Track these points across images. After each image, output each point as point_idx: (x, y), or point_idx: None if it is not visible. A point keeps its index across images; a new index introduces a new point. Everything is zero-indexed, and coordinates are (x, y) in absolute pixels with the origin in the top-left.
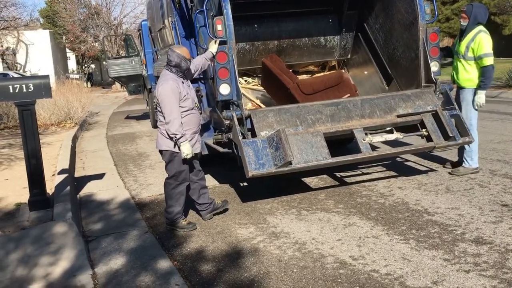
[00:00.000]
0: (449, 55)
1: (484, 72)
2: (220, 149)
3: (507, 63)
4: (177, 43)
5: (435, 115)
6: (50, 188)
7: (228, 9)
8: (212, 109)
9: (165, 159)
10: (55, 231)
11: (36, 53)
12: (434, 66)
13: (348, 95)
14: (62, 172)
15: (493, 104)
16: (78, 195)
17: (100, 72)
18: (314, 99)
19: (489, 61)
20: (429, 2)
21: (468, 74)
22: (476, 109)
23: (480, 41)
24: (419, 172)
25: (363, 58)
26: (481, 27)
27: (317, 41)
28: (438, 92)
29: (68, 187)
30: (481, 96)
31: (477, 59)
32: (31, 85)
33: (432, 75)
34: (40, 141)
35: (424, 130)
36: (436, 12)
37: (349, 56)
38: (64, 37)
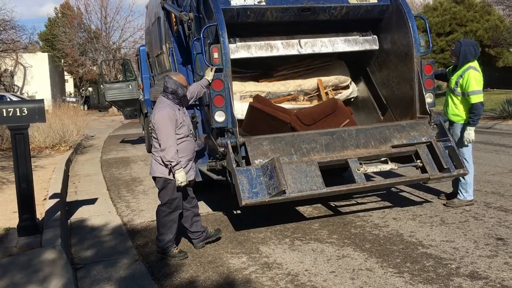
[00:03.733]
0: (445, 79)
1: (473, 109)
2: (214, 176)
3: (501, 94)
4: (174, 69)
5: (430, 147)
6: (40, 213)
7: (225, 38)
8: (207, 135)
9: (158, 186)
10: (43, 258)
11: (34, 76)
12: (428, 98)
13: (348, 120)
14: (53, 196)
15: (487, 135)
16: (69, 221)
17: (97, 95)
18: (315, 129)
19: (477, 98)
20: (424, 34)
21: (456, 110)
22: (466, 145)
23: (469, 78)
24: (413, 203)
25: (358, 88)
26: (471, 64)
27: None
28: (432, 124)
29: (59, 212)
30: (470, 133)
31: (465, 95)
32: (25, 109)
33: (427, 106)
34: (33, 164)
35: (418, 161)
36: (431, 44)
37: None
38: (62, 60)
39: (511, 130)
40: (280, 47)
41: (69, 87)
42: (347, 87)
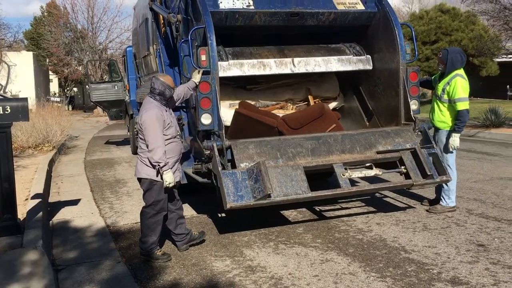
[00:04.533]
0: (430, 86)
1: (459, 116)
2: (199, 179)
3: (484, 103)
4: (161, 70)
5: (414, 153)
6: (22, 213)
7: (213, 40)
8: (193, 138)
9: (144, 187)
10: (24, 259)
11: (18, 75)
12: (413, 105)
13: (334, 125)
14: (35, 196)
15: (470, 143)
16: (51, 221)
17: (82, 95)
18: (301, 133)
19: (463, 105)
20: (410, 42)
21: (442, 116)
22: (451, 152)
23: (455, 85)
24: (397, 208)
25: (346, 96)
26: (458, 71)
27: None
28: (417, 130)
29: (41, 213)
30: (456, 139)
31: (452, 102)
32: (8, 107)
33: (412, 113)
34: (16, 163)
35: (403, 167)
36: (417, 52)
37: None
38: (47, 60)
39: (493, 138)
40: (273, 66)
41: (54, 86)
42: (335, 98)
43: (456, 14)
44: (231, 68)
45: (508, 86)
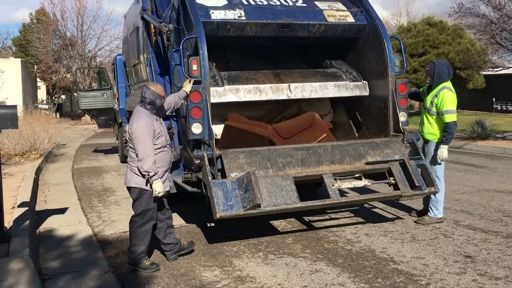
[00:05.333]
0: (418, 98)
1: (447, 128)
2: (189, 188)
3: (471, 115)
4: (151, 79)
5: (403, 164)
6: (8, 222)
7: (204, 50)
8: (183, 147)
9: (133, 196)
10: (10, 268)
11: (5, 81)
12: (402, 116)
13: (325, 134)
14: (22, 205)
15: (457, 155)
16: (37, 230)
17: (71, 103)
18: (292, 142)
19: (450, 118)
20: (398, 54)
21: (431, 128)
22: (439, 163)
23: (443, 98)
24: (386, 219)
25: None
26: (445, 84)
27: None
28: (405, 142)
29: (28, 221)
30: (444, 151)
31: (440, 114)
32: None
33: (400, 125)
34: (2, 171)
35: (391, 178)
36: (405, 65)
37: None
38: (35, 67)
39: (480, 150)
40: (269, 92)
41: (42, 94)
42: (326, 115)
43: (443, 27)
44: (226, 94)
45: (494, 99)
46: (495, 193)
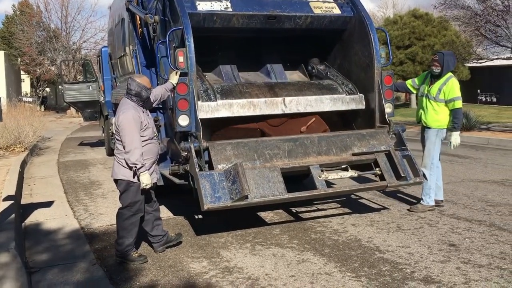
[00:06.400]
0: (406, 90)
1: (456, 114)
2: (176, 180)
3: None
4: (137, 71)
5: (388, 155)
6: None
7: (190, 42)
8: (170, 139)
9: (120, 188)
10: None
11: None
12: (388, 108)
13: (314, 119)
14: (7, 198)
15: (442, 146)
16: (23, 224)
17: (55, 96)
18: (283, 129)
19: (459, 104)
20: (385, 46)
21: (436, 115)
22: (436, 149)
23: (452, 85)
24: (371, 209)
25: None
26: (451, 73)
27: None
28: (391, 133)
29: (13, 215)
30: (457, 138)
31: (448, 102)
32: None
33: (386, 116)
34: None
35: (377, 169)
36: (391, 56)
37: None
38: (19, 59)
39: (464, 141)
40: (263, 106)
41: (25, 86)
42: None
43: (429, 19)
44: (219, 109)
45: (478, 91)
46: (479, 183)
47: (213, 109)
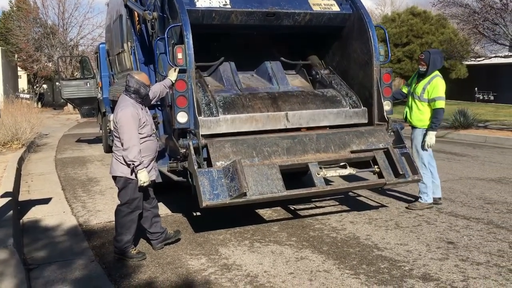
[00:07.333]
0: (402, 96)
1: (435, 114)
2: (175, 177)
3: (453, 105)
4: (135, 68)
5: (387, 153)
6: None
7: (189, 38)
8: (168, 136)
9: (119, 185)
10: None
11: None
12: (386, 105)
13: None
14: (5, 195)
15: (439, 144)
16: (21, 220)
17: (52, 92)
18: None
19: (440, 104)
20: (383, 43)
21: (421, 115)
22: (425, 150)
23: (436, 84)
24: (370, 207)
25: None
26: (437, 72)
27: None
28: (390, 131)
29: (11, 212)
30: (432, 137)
31: (430, 101)
32: None
33: (385, 113)
34: None
35: (376, 166)
36: (390, 54)
37: None
38: (16, 55)
39: (462, 139)
40: (265, 121)
41: (22, 83)
42: None
43: (427, 17)
44: (221, 124)
45: (476, 89)
46: (476, 181)
47: (215, 124)
